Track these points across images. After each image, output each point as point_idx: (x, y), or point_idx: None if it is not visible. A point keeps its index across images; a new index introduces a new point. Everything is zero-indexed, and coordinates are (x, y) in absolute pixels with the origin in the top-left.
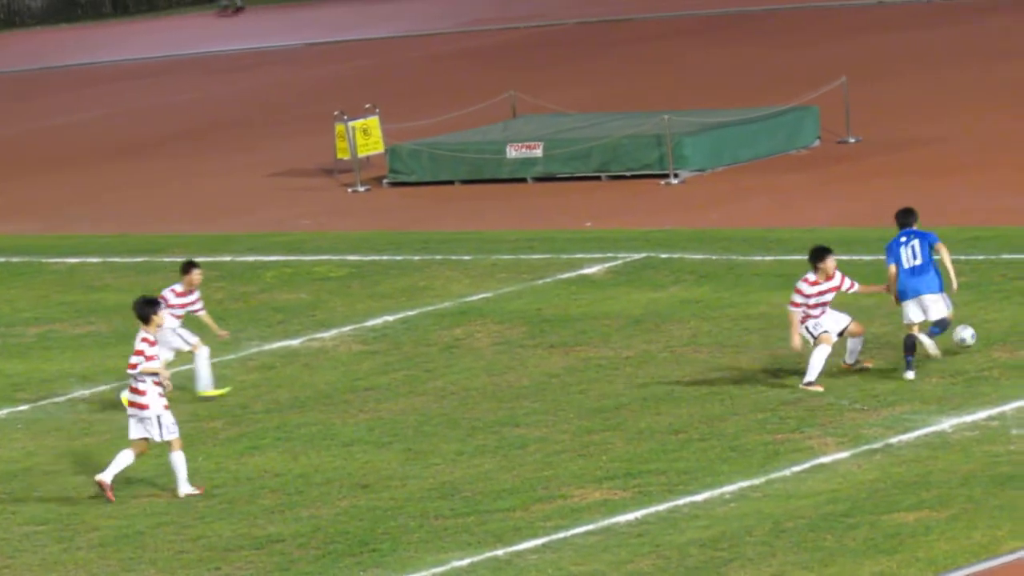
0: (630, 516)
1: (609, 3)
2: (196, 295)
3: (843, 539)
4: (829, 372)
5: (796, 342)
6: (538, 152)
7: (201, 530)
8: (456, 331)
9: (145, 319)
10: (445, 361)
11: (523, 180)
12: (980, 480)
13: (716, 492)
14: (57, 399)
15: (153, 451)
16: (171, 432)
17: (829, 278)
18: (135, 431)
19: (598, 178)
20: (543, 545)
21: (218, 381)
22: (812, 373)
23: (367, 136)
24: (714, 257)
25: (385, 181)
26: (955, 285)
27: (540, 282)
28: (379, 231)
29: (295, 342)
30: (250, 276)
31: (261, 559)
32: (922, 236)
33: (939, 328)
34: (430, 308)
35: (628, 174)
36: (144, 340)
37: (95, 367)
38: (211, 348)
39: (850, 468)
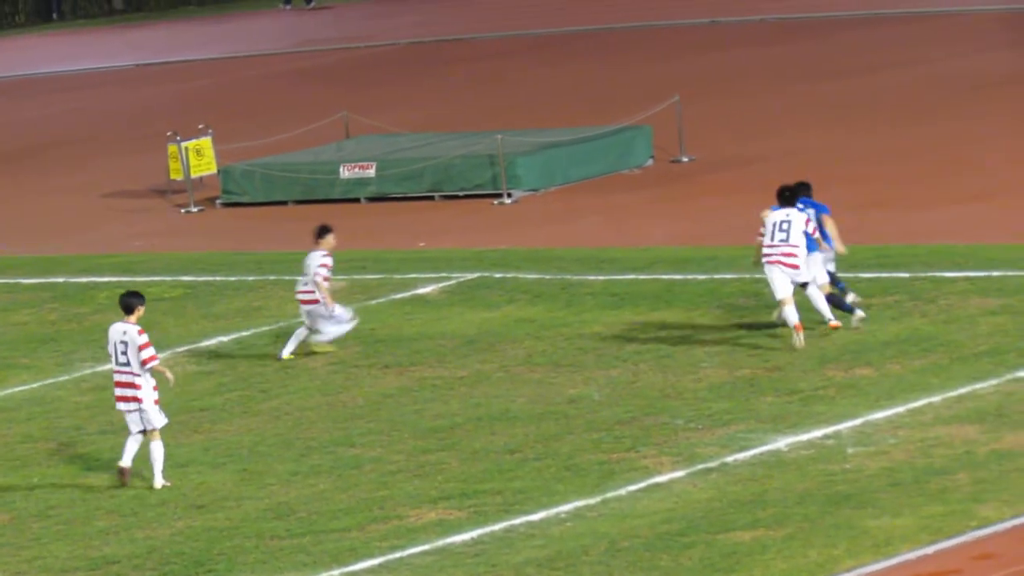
0: (466, 536)
1: (442, 23)
2: None
3: (679, 558)
4: (665, 393)
5: None
6: (371, 172)
7: (37, 551)
8: None
9: (130, 310)
10: (280, 381)
11: (356, 200)
12: (816, 499)
13: (552, 512)
14: None
15: None
16: (161, 420)
17: None
18: (136, 424)
19: (431, 198)
20: (379, 565)
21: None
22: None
23: (200, 156)
24: (548, 277)
25: (218, 202)
26: (842, 250)
27: (374, 302)
28: (213, 252)
29: None
30: (83, 297)
31: None
32: (815, 207)
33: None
34: (265, 328)
35: (461, 194)
36: (142, 332)
37: None
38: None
39: (685, 487)
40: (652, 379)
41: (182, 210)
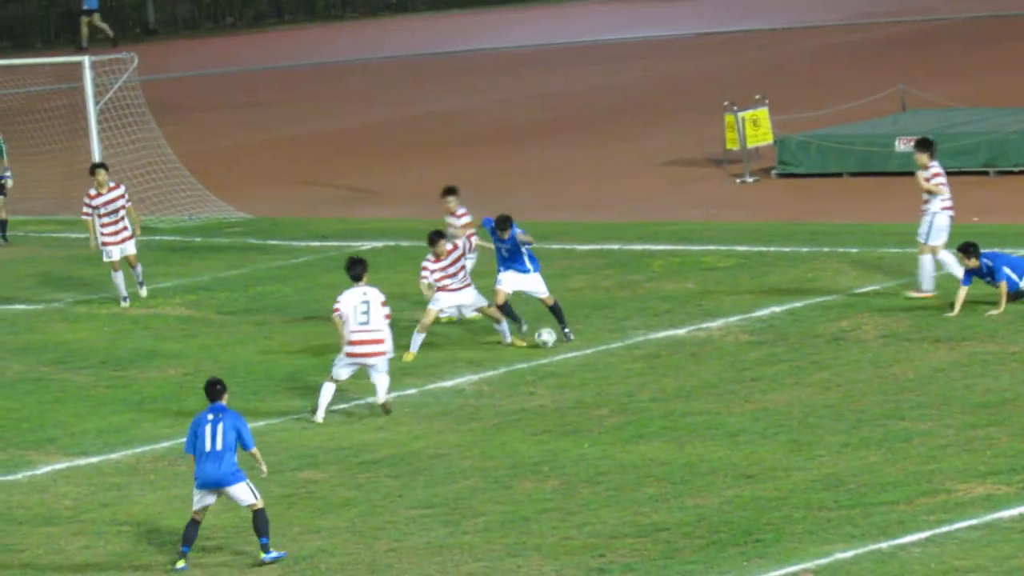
0: (1014, 511)
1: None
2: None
3: None
4: None
5: None
6: None
7: (586, 517)
8: (842, 323)
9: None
10: (831, 353)
11: (911, 174)
12: None
13: None
14: (444, 383)
15: (539, 436)
16: None
17: None
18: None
19: (986, 173)
20: (926, 539)
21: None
22: None
23: (756, 127)
24: None
25: (774, 172)
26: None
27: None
28: (767, 222)
29: (681, 331)
30: (638, 265)
31: (646, 547)
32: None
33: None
34: (817, 300)
35: (1016, 170)
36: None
37: (484, 352)
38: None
39: None
40: None
41: (737, 180)
